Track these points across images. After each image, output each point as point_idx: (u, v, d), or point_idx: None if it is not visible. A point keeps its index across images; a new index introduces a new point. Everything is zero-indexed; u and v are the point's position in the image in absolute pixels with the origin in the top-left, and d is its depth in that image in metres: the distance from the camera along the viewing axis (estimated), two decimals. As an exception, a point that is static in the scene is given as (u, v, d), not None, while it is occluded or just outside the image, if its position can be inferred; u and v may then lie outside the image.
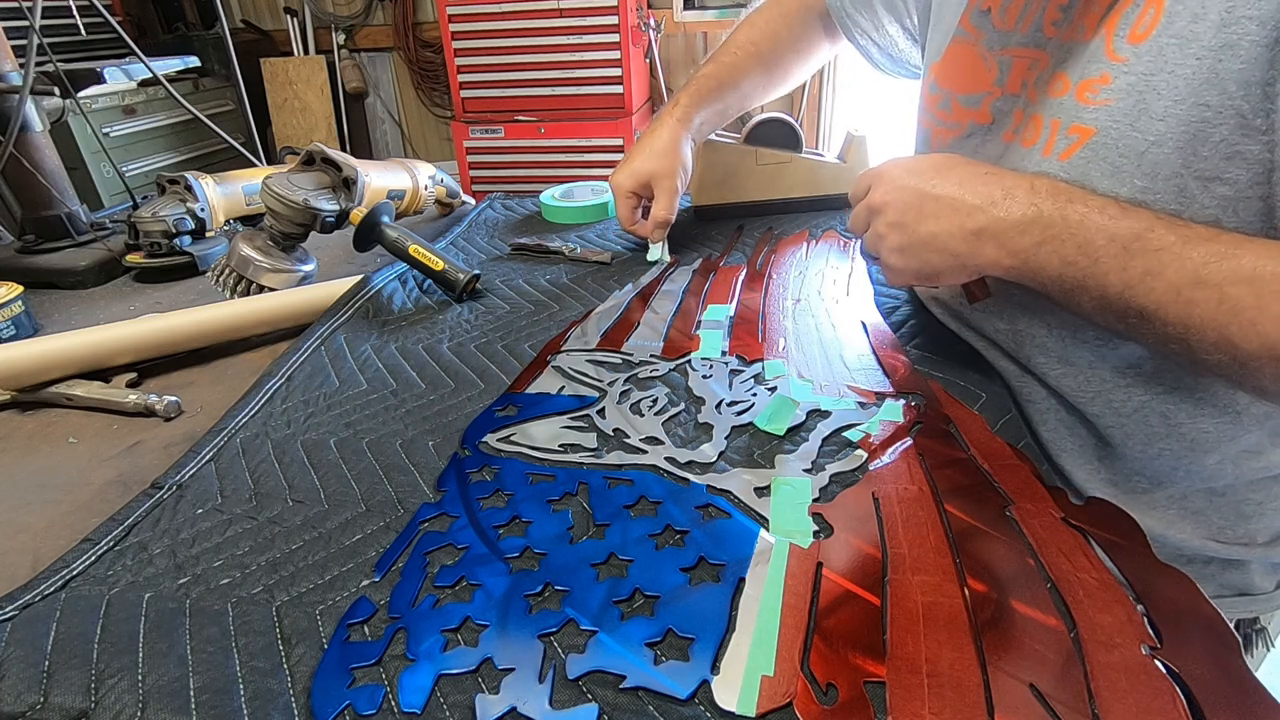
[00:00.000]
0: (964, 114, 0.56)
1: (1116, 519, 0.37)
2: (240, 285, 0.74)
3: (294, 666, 0.32)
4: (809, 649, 0.31)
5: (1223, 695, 0.28)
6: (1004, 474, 0.41)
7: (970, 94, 0.55)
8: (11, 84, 0.81)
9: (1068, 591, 0.33)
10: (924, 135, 0.62)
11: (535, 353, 0.60)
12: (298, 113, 2.82)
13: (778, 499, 0.41)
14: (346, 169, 0.76)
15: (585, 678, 0.31)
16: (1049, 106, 0.49)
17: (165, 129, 2.22)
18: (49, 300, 0.81)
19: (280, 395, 0.56)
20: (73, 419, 0.57)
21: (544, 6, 2.24)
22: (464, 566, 0.37)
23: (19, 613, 0.36)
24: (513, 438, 0.48)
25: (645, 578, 0.36)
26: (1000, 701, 0.28)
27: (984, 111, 0.55)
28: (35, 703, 0.31)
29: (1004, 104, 0.53)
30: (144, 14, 2.71)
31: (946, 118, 0.58)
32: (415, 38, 2.72)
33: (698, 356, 0.57)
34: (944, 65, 0.58)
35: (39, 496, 0.48)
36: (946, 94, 0.58)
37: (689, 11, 2.41)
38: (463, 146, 2.47)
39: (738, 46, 0.78)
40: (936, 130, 0.59)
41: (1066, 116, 0.47)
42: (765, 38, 0.77)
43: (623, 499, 0.41)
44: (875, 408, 0.49)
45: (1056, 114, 0.48)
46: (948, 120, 0.58)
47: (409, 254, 0.72)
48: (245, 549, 0.40)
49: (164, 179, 0.85)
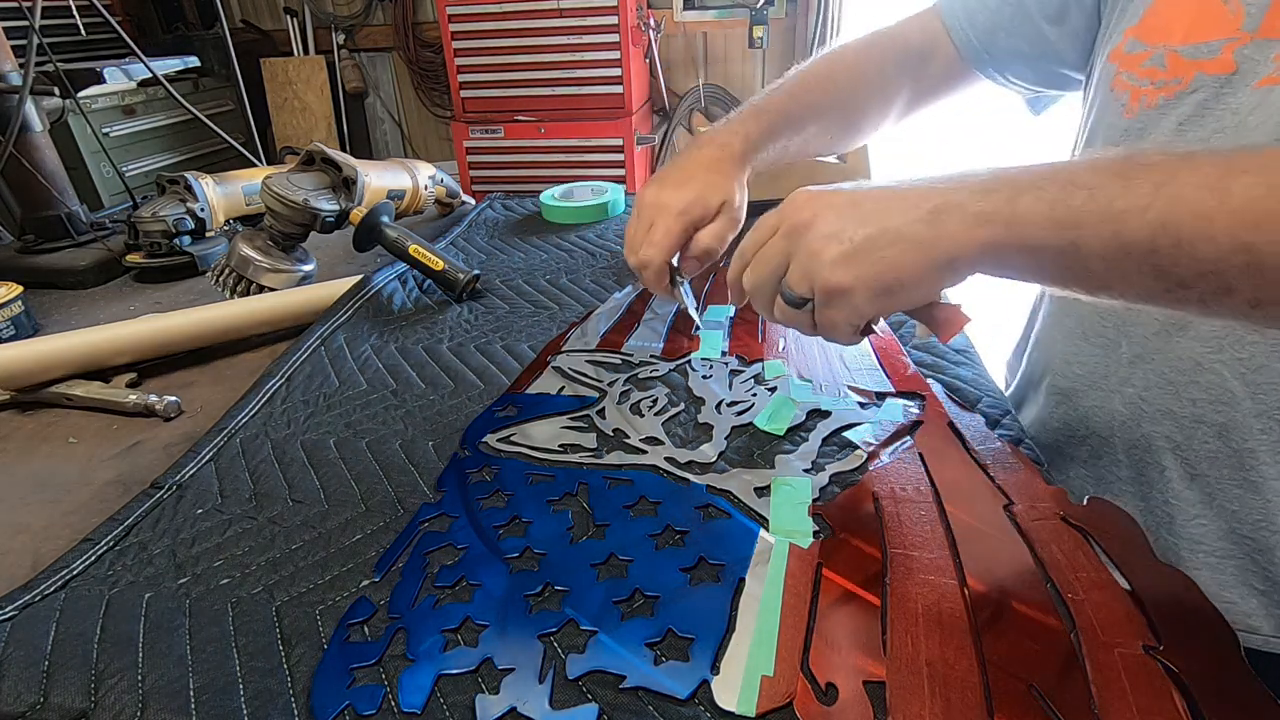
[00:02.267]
0: (1188, 67, 0.47)
1: (1116, 519, 0.37)
2: (240, 285, 0.74)
3: (294, 666, 0.32)
4: (809, 649, 0.31)
5: (1223, 695, 0.28)
6: (1004, 474, 0.42)
7: (1200, 43, 0.47)
8: (11, 84, 0.81)
9: (1068, 591, 0.33)
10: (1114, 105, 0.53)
11: (535, 353, 0.60)
12: (298, 113, 2.82)
13: (778, 499, 0.41)
14: (346, 169, 0.76)
15: (585, 678, 0.31)
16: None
17: (165, 129, 2.22)
18: (49, 300, 0.81)
19: (280, 395, 0.56)
20: (73, 419, 0.57)
21: (544, 6, 2.23)
22: (464, 566, 0.37)
23: (19, 613, 0.36)
24: (513, 438, 0.48)
25: (645, 578, 0.36)
26: (1000, 701, 0.28)
27: (1225, 60, 0.46)
28: (35, 703, 0.31)
29: (1256, 49, 0.45)
30: (144, 14, 2.71)
31: (1159, 75, 0.49)
32: (415, 38, 2.72)
33: (698, 357, 0.57)
34: (1156, 17, 0.50)
35: (39, 496, 0.48)
36: (1159, 50, 0.49)
37: (689, 11, 2.41)
38: (463, 146, 2.47)
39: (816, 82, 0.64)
40: (1139, 93, 0.50)
41: None
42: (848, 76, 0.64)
43: (623, 499, 0.41)
44: (875, 408, 0.49)
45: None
46: (1159, 78, 0.49)
47: (409, 254, 0.72)
48: (245, 549, 0.40)
49: (164, 179, 0.85)
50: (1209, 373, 0.48)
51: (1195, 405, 0.49)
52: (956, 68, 0.64)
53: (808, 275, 0.39)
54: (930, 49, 0.64)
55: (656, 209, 0.54)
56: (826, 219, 0.39)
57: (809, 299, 0.39)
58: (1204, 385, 0.48)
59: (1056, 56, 0.60)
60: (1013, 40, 0.60)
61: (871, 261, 0.37)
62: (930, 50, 0.64)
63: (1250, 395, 0.46)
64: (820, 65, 0.64)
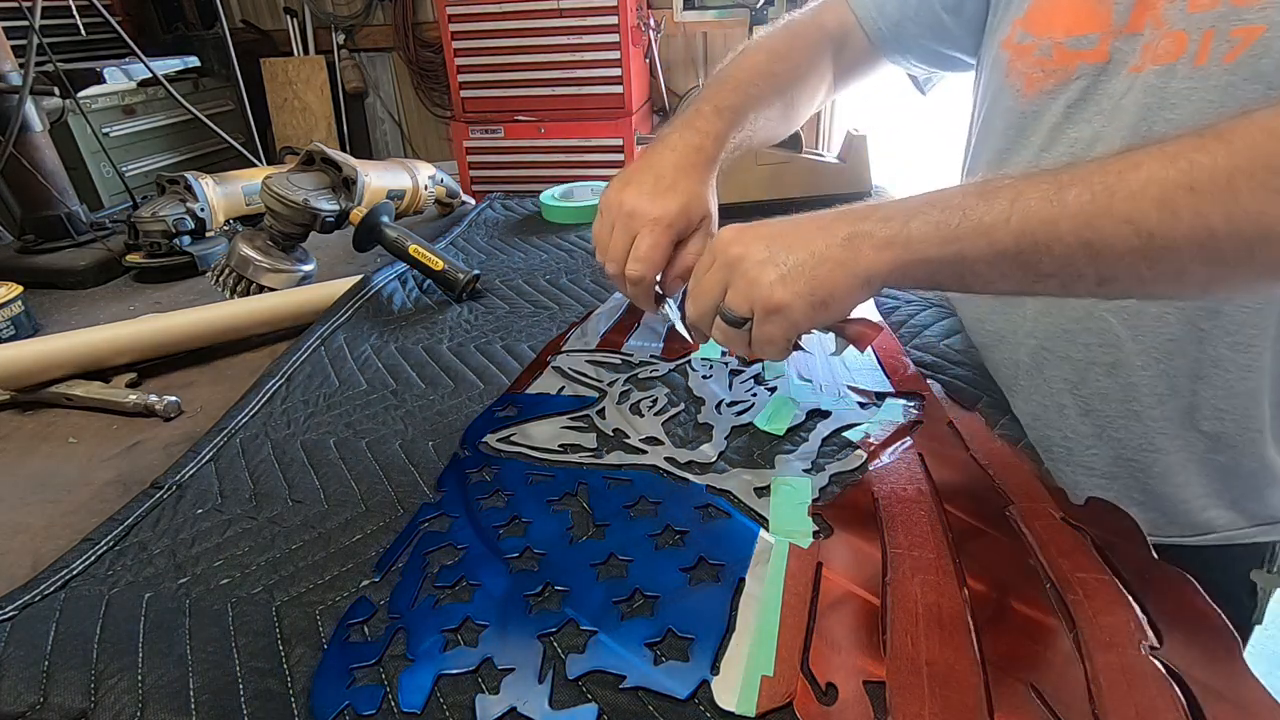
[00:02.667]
0: (1071, 57, 0.55)
1: (1116, 519, 0.37)
2: (240, 285, 0.74)
3: (294, 666, 0.32)
4: (809, 649, 0.31)
5: (1223, 695, 0.28)
6: (1004, 474, 0.42)
7: (1080, 36, 0.54)
8: (11, 84, 0.81)
9: (1068, 591, 0.33)
10: (1010, 90, 0.60)
11: (535, 353, 0.60)
12: (298, 113, 2.82)
13: (778, 499, 0.41)
14: (346, 169, 0.76)
15: (585, 678, 0.31)
16: (1195, 21, 0.48)
17: (165, 129, 2.22)
18: (49, 300, 0.81)
19: (280, 395, 0.56)
20: (73, 419, 0.57)
21: (544, 6, 2.23)
22: (464, 566, 0.37)
23: (19, 613, 0.36)
24: (513, 438, 0.48)
25: (645, 578, 0.36)
26: (1000, 701, 0.28)
27: (1101, 50, 0.53)
28: (35, 703, 0.31)
29: (1125, 42, 0.52)
30: (144, 14, 2.71)
31: (1048, 64, 0.56)
32: (415, 38, 2.72)
33: (698, 357, 0.57)
34: (1040, 13, 0.56)
35: (39, 496, 0.48)
36: (1045, 41, 0.56)
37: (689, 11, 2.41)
38: (463, 146, 2.47)
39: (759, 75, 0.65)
40: (1032, 79, 0.57)
41: (1223, 24, 0.47)
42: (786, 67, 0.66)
43: (622, 499, 0.41)
44: (875, 408, 0.49)
45: (1209, 25, 0.48)
46: (1048, 66, 0.56)
47: (409, 254, 0.72)
48: (245, 549, 0.40)
49: (164, 179, 0.85)
50: (1098, 320, 0.56)
51: (1088, 349, 0.57)
52: (867, 54, 0.70)
53: (748, 298, 0.43)
54: (844, 37, 0.69)
55: (639, 219, 0.51)
56: (757, 249, 0.44)
57: (748, 318, 0.44)
58: (1095, 331, 0.57)
59: (954, 43, 0.67)
60: (918, 29, 0.67)
61: (805, 280, 0.42)
62: (844, 38, 0.69)
63: (1132, 337, 0.55)
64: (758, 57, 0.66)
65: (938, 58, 0.69)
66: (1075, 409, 0.60)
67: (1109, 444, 0.59)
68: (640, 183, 0.53)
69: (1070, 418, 0.60)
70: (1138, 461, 0.58)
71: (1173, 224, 0.37)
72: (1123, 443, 0.58)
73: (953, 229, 0.40)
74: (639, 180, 0.53)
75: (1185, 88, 0.49)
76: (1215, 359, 0.54)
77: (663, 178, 0.53)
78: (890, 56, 0.70)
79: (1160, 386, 0.56)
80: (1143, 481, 0.59)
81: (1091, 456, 0.60)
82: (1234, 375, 0.54)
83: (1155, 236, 0.37)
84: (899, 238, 0.41)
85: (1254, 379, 0.54)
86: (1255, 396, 0.55)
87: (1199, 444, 0.57)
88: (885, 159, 1.05)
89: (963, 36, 0.66)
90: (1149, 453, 0.58)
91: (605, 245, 0.53)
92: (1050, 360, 0.60)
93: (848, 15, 0.69)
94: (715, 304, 0.45)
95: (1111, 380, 0.57)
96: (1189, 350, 0.54)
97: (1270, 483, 0.58)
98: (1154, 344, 0.55)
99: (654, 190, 0.52)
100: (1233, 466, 0.57)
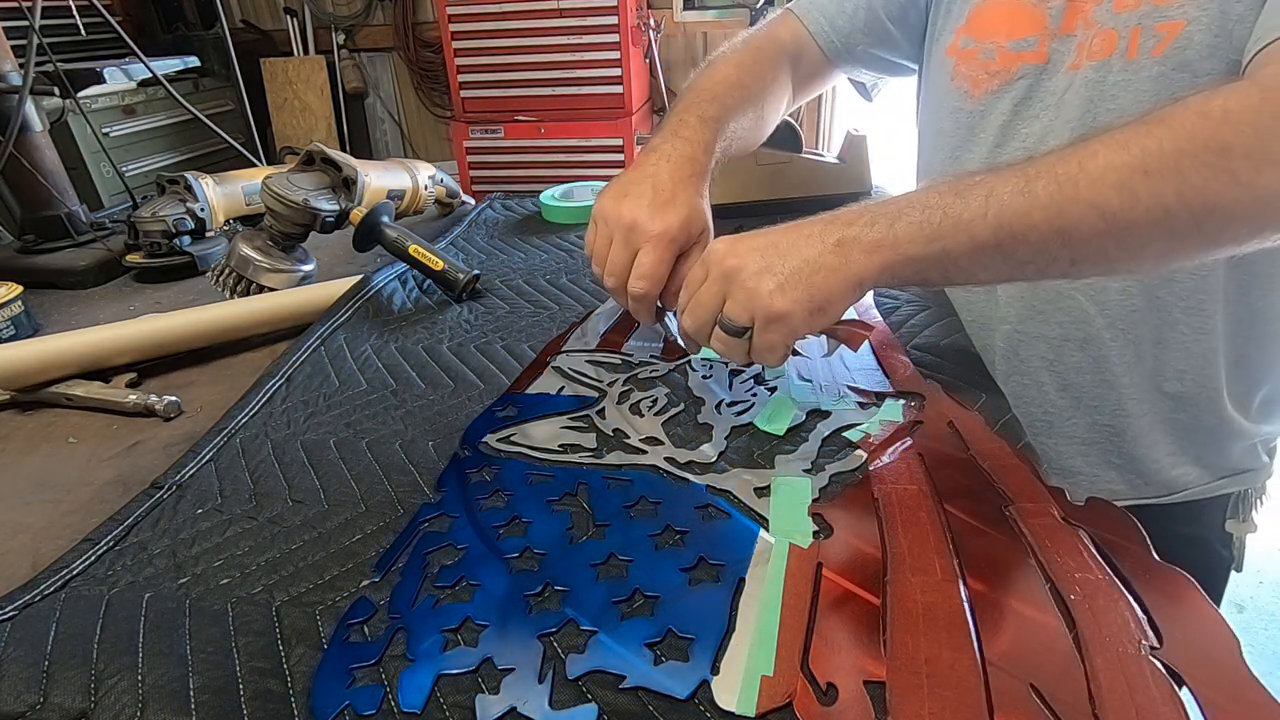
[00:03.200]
0: (1013, 59, 0.60)
1: (1116, 519, 0.37)
2: (240, 285, 0.74)
3: (294, 666, 0.32)
4: (809, 649, 0.31)
5: (1223, 695, 0.28)
6: (1004, 474, 0.42)
7: (1020, 39, 0.59)
8: (11, 84, 0.81)
9: (1068, 591, 0.33)
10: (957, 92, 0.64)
11: (535, 353, 0.60)
12: (298, 113, 2.82)
13: (778, 499, 0.41)
14: (346, 169, 0.76)
15: (585, 678, 0.31)
16: (1122, 20, 0.53)
17: (165, 129, 2.22)
18: (49, 300, 0.81)
19: (280, 395, 0.56)
20: (73, 419, 0.57)
21: (544, 6, 2.23)
22: (464, 566, 0.37)
23: (19, 613, 0.36)
24: (513, 438, 0.48)
25: (645, 578, 0.36)
26: (1000, 701, 0.28)
27: (1040, 52, 0.58)
28: (35, 703, 0.31)
29: (1061, 43, 0.57)
30: (144, 14, 2.70)
31: (992, 67, 0.61)
32: (415, 38, 2.72)
33: (697, 358, 0.57)
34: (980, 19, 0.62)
35: (39, 496, 0.48)
36: (988, 45, 0.61)
37: (689, 11, 2.41)
38: (463, 146, 2.47)
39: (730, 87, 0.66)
40: (978, 80, 0.62)
41: (1148, 21, 0.52)
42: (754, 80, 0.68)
43: (622, 499, 0.41)
44: (875, 408, 0.49)
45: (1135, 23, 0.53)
46: (992, 69, 0.61)
47: (409, 254, 0.72)
48: (245, 549, 0.40)
49: (164, 179, 0.85)
50: (1067, 299, 0.61)
51: (1061, 327, 0.62)
52: (822, 65, 0.74)
53: (748, 308, 0.44)
54: (799, 50, 0.73)
55: (641, 234, 0.50)
56: (753, 259, 0.44)
57: (748, 328, 0.45)
58: (1065, 310, 0.61)
59: (899, 51, 0.72)
60: (867, 39, 0.71)
61: (803, 288, 0.43)
62: (799, 51, 0.73)
63: (1100, 313, 0.60)
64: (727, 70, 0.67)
65: (885, 65, 0.74)
66: (1053, 384, 0.64)
67: (1086, 412, 0.64)
68: (639, 195, 0.52)
69: (1049, 393, 0.65)
70: (1112, 426, 0.63)
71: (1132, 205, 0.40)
72: (1098, 410, 0.63)
73: (935, 227, 0.42)
74: (637, 192, 0.52)
75: (1121, 80, 0.54)
76: (1172, 323, 0.59)
77: (661, 190, 0.52)
78: (842, 67, 0.75)
79: (1128, 355, 0.61)
80: (1118, 445, 0.64)
81: (1071, 426, 0.65)
82: (1189, 337, 0.59)
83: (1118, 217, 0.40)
84: (886, 240, 0.43)
85: (1207, 340, 0.59)
86: (1209, 357, 0.60)
87: (1164, 405, 0.62)
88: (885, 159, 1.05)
89: (907, 45, 0.72)
90: (1121, 417, 0.63)
91: (604, 259, 0.52)
92: (1026, 341, 0.64)
93: (801, 30, 0.73)
94: (714, 315, 0.46)
95: (1084, 354, 0.62)
96: (1149, 318, 0.59)
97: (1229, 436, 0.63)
98: (1119, 315, 0.60)
99: (653, 203, 0.51)
100: (1194, 425, 0.62)
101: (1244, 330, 0.60)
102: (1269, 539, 1.69)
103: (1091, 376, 0.63)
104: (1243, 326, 0.60)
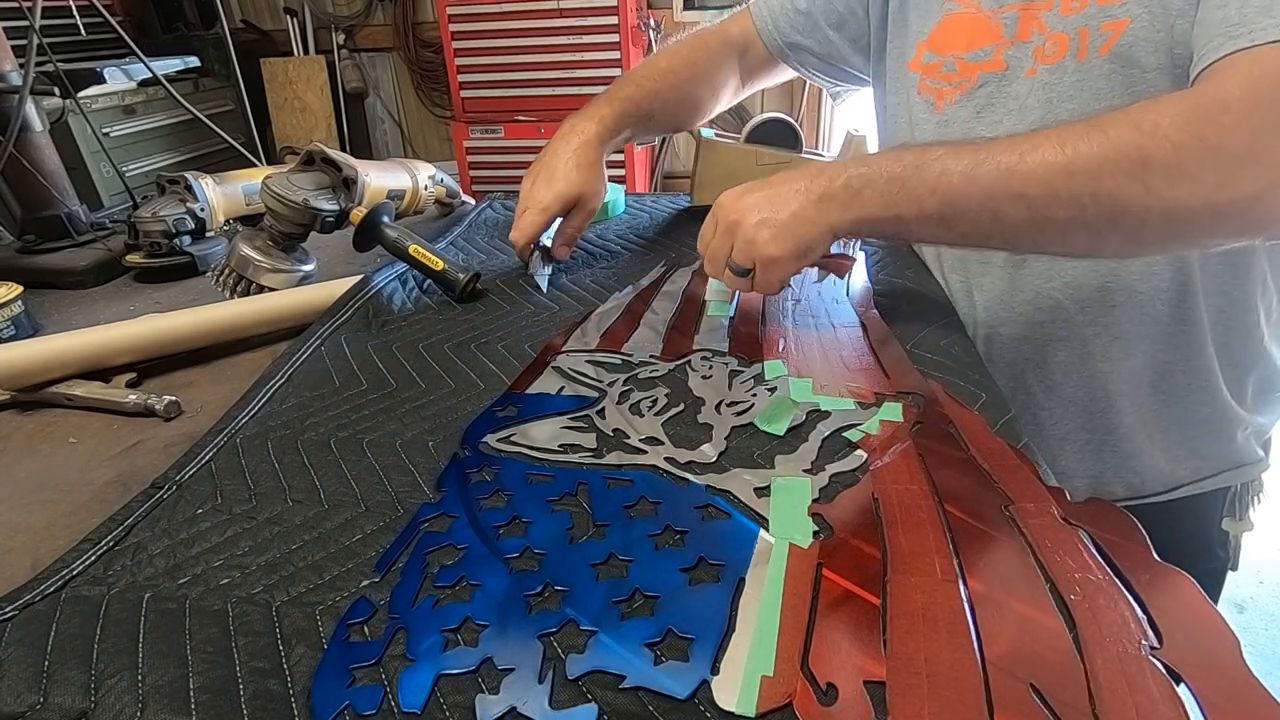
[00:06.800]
0: (973, 69, 0.64)
1: (1116, 519, 0.37)
2: (240, 285, 0.74)
3: (294, 666, 0.32)
4: (809, 649, 0.31)
5: (1222, 695, 0.28)
6: (1004, 474, 0.42)
7: (978, 50, 0.63)
8: (11, 84, 0.81)
9: (1068, 591, 0.33)
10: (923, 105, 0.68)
11: (535, 353, 0.60)
12: (298, 113, 2.82)
13: (778, 499, 0.41)
14: (346, 169, 0.76)
15: (585, 678, 0.31)
16: (1069, 23, 0.57)
17: (165, 129, 2.22)
18: (49, 300, 0.81)
19: (280, 395, 0.56)
20: (73, 419, 0.57)
21: (544, 6, 2.24)
22: (464, 566, 0.37)
23: (19, 613, 0.36)
24: (513, 438, 0.48)
25: (645, 578, 0.36)
26: (1000, 701, 0.28)
27: (998, 60, 0.62)
28: (35, 703, 0.31)
29: (1017, 50, 0.61)
30: (144, 14, 2.70)
31: (952, 78, 0.65)
32: (415, 38, 2.72)
33: (701, 349, 0.57)
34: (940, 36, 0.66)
35: (39, 496, 0.48)
36: (949, 58, 0.64)
37: (689, 11, 2.41)
38: (463, 146, 2.47)
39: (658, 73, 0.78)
40: (942, 93, 0.66)
41: (1094, 22, 0.55)
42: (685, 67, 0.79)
43: (622, 499, 0.41)
44: (875, 408, 0.49)
45: (1081, 25, 0.56)
46: (953, 80, 0.65)
47: (409, 254, 0.72)
48: (245, 549, 0.40)
49: (164, 179, 0.85)
50: (1046, 298, 0.63)
51: (1043, 327, 0.64)
52: (768, 61, 0.81)
53: (749, 255, 0.55)
54: (746, 44, 0.81)
55: (534, 206, 0.71)
56: (751, 214, 0.55)
57: (751, 269, 0.56)
58: (1045, 309, 0.64)
59: (840, 57, 0.78)
60: (807, 41, 0.78)
61: (790, 237, 0.53)
62: (746, 45, 0.81)
63: (1079, 310, 0.62)
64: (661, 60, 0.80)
65: (830, 70, 0.80)
66: (1040, 386, 0.66)
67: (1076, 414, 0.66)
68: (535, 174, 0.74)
69: (1036, 395, 0.67)
70: (1103, 425, 0.65)
71: (1051, 201, 0.44)
72: (1087, 409, 0.65)
73: (894, 197, 0.50)
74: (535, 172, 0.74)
75: (1075, 80, 0.57)
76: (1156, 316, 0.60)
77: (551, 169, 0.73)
78: (788, 63, 0.81)
79: (1113, 351, 0.63)
80: (1112, 445, 0.66)
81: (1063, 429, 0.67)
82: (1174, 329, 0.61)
83: (1039, 210, 0.45)
84: (855, 202, 0.52)
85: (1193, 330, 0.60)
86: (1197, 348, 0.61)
87: (1154, 399, 0.64)
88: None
89: (849, 54, 0.78)
90: (1111, 415, 0.65)
91: None
92: (1008, 344, 0.67)
93: (750, 26, 0.80)
94: (724, 259, 0.57)
95: (1069, 353, 0.64)
96: (1131, 313, 0.61)
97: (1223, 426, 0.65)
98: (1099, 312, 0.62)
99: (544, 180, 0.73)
100: (1187, 417, 0.64)
101: (1224, 319, 0.62)
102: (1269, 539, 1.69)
103: (1077, 376, 0.64)
104: (1223, 316, 0.61)
